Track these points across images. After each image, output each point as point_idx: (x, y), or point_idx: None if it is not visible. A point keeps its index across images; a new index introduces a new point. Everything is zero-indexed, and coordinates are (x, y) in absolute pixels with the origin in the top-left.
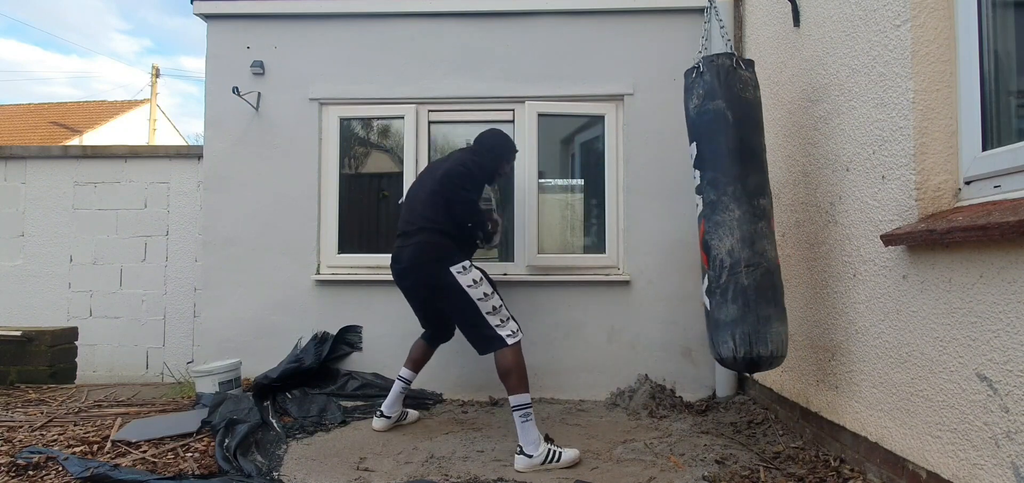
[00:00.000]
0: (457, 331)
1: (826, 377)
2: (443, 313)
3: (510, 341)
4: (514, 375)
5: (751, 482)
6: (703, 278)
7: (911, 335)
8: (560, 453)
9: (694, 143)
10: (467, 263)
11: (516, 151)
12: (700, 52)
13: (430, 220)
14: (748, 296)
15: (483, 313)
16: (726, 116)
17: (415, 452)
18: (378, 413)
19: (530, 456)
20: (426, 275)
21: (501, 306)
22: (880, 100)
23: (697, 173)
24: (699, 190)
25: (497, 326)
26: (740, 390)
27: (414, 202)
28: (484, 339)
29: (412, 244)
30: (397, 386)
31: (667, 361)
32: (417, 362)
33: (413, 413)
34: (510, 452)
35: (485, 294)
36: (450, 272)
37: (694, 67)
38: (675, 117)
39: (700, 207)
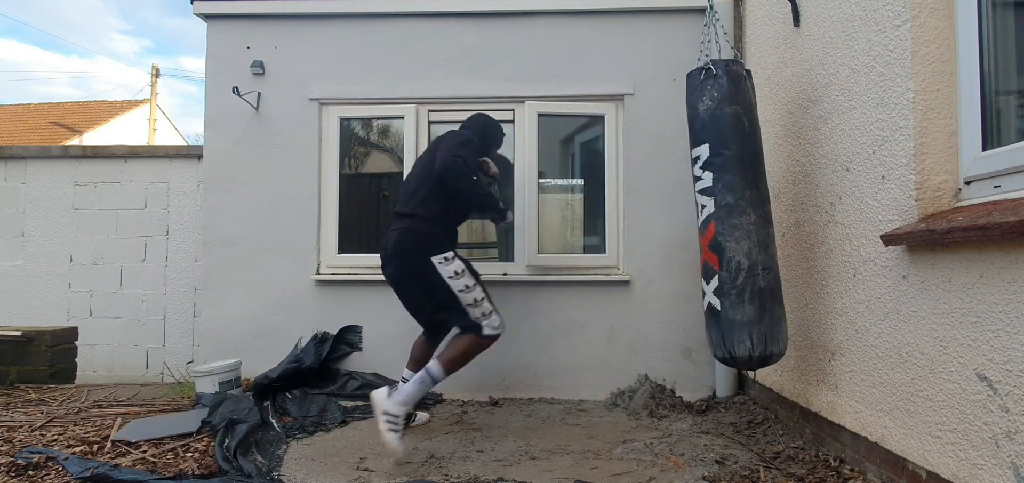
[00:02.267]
0: (447, 325)
1: (826, 377)
2: (427, 303)
3: (486, 331)
4: (457, 358)
5: (751, 482)
6: (710, 279)
7: (911, 335)
8: (400, 430)
9: (706, 144)
10: (450, 253)
11: (503, 135)
12: (702, 55)
13: (419, 204)
14: (764, 297)
15: (464, 305)
16: (743, 121)
17: (415, 452)
18: None
19: (390, 402)
20: (408, 262)
21: (483, 298)
22: (880, 100)
23: (707, 175)
24: (709, 192)
25: (478, 316)
26: (740, 390)
27: (406, 187)
28: (463, 325)
29: (397, 229)
30: (403, 378)
31: (667, 361)
32: (418, 362)
33: (423, 415)
34: (510, 452)
35: (466, 286)
36: (431, 261)
37: (706, 68)
38: (675, 117)
39: (709, 209)
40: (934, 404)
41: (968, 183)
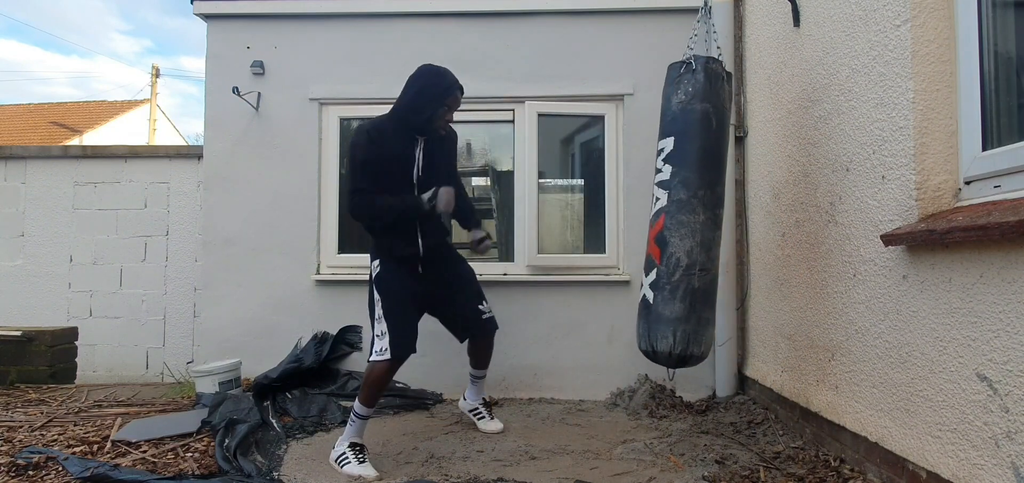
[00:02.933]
0: (466, 327)
1: (826, 377)
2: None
3: (373, 356)
4: (364, 388)
5: (751, 482)
6: (649, 271)
7: (911, 335)
8: (352, 462)
9: (671, 138)
10: (376, 261)
11: (453, 92)
12: (689, 50)
13: None
14: (696, 298)
15: (371, 318)
16: (711, 120)
17: (415, 452)
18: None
19: (335, 450)
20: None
21: (380, 317)
22: (880, 100)
23: (666, 168)
24: (665, 185)
25: (373, 335)
26: (740, 390)
27: None
28: None
29: None
30: (471, 383)
31: None
32: (479, 360)
33: (495, 424)
34: (510, 452)
35: (375, 298)
36: (371, 269)
37: (685, 62)
38: None
39: (661, 202)
40: (934, 404)
41: (968, 183)
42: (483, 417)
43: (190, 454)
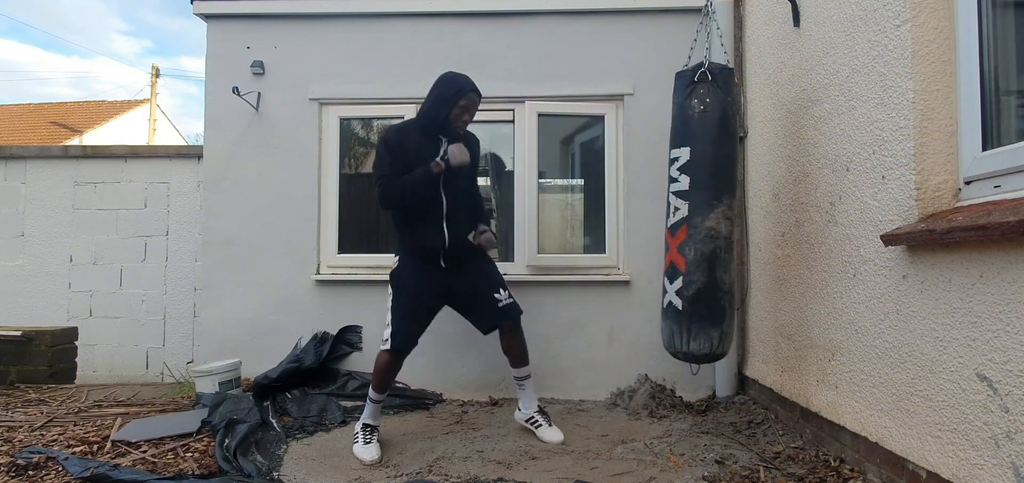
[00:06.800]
0: (485, 316)
1: (826, 377)
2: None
3: (382, 345)
4: (374, 375)
5: (751, 482)
6: (674, 279)
7: (911, 335)
8: (359, 441)
9: (687, 147)
10: (396, 261)
11: (465, 92)
12: (694, 54)
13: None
14: (724, 301)
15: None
16: (727, 128)
17: (415, 452)
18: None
19: (358, 425)
20: None
21: (390, 308)
22: (880, 100)
23: (684, 178)
24: (685, 196)
25: (385, 327)
26: (740, 390)
27: None
28: None
29: None
30: (519, 390)
31: (667, 361)
32: (512, 357)
33: (554, 433)
34: (511, 452)
35: (390, 290)
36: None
37: (699, 70)
38: None
39: (682, 212)
40: (934, 404)
41: (968, 183)
42: (540, 425)
43: (190, 454)
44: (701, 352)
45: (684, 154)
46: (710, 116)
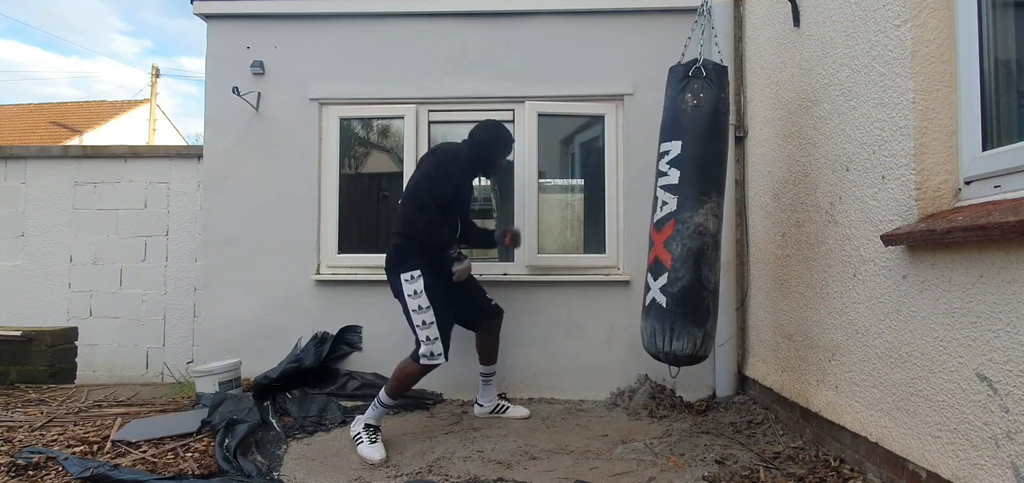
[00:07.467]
0: (483, 312)
1: (826, 377)
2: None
3: (421, 359)
4: (398, 383)
5: (751, 482)
6: (659, 275)
7: (911, 335)
8: (364, 441)
9: (678, 141)
10: (417, 272)
11: (511, 143)
12: (687, 54)
13: (402, 223)
14: (709, 300)
15: (414, 324)
16: (719, 124)
17: (415, 452)
18: (476, 403)
19: (353, 427)
20: (390, 278)
21: (431, 324)
22: (880, 100)
23: (673, 172)
24: (673, 190)
25: (421, 340)
26: (740, 390)
27: (401, 201)
28: (414, 342)
29: (389, 247)
30: (481, 382)
31: None
32: (486, 354)
33: (520, 409)
34: (511, 452)
35: (419, 306)
36: (400, 278)
37: (693, 65)
38: None
39: (670, 206)
40: (934, 404)
41: (968, 183)
42: (506, 407)
43: (190, 454)
44: (684, 353)
45: (675, 148)
46: (703, 111)
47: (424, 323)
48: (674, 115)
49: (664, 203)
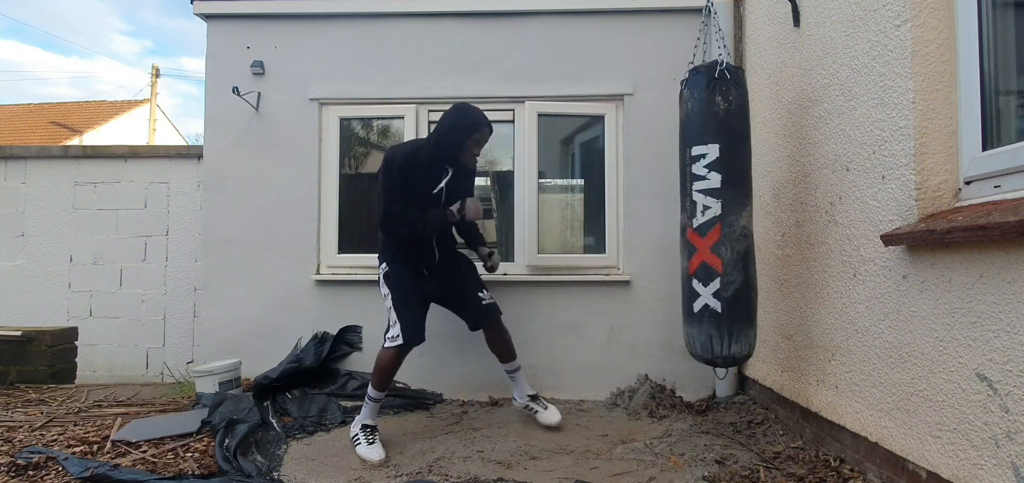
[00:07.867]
0: (472, 306)
1: (826, 377)
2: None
3: (386, 342)
4: (376, 370)
5: (751, 482)
6: (710, 281)
7: (911, 335)
8: (362, 443)
9: (716, 144)
10: (384, 265)
11: (478, 123)
12: (698, 55)
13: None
14: (754, 299)
15: (386, 312)
16: (749, 126)
17: (415, 452)
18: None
19: (351, 429)
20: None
21: (390, 308)
22: (880, 100)
23: (714, 176)
24: (716, 194)
25: (388, 324)
26: (740, 390)
27: None
28: None
29: None
30: (510, 380)
31: (667, 361)
32: (499, 353)
33: (551, 415)
34: (511, 452)
35: (384, 293)
36: (379, 270)
37: (720, 66)
38: (676, 117)
39: (714, 210)
40: (934, 404)
41: (968, 183)
42: (536, 411)
43: (190, 454)
44: (742, 354)
45: (712, 151)
46: (734, 114)
47: (388, 308)
48: (706, 116)
49: (706, 207)
